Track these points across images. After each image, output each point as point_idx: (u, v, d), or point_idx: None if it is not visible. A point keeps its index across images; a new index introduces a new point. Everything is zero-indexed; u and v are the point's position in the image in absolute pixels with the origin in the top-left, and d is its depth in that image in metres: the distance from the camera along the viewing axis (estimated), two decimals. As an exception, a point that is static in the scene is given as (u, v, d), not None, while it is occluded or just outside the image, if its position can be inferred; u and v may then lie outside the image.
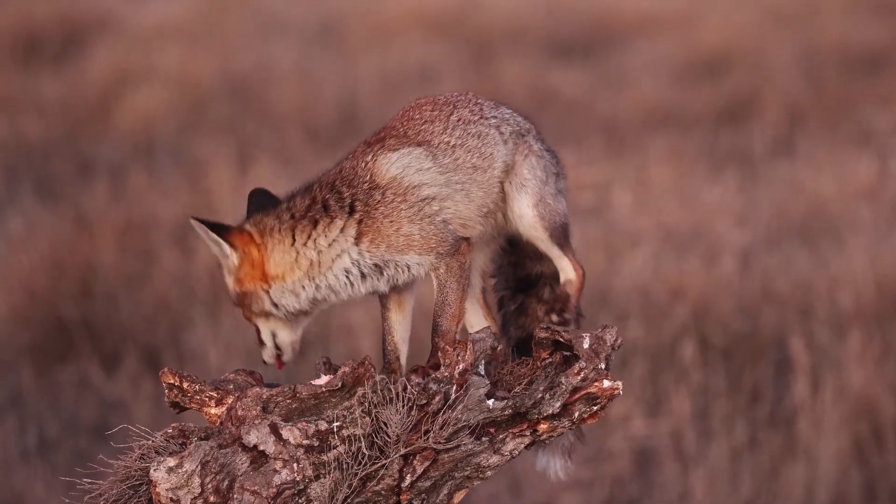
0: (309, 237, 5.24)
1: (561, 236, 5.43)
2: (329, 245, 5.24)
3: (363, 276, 5.25)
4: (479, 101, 5.46)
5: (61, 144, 14.97)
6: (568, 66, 17.27)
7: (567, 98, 15.85)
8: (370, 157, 5.26)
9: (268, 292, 5.26)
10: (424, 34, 17.94)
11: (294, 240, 5.25)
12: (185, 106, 15.83)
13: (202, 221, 5.20)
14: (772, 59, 16.91)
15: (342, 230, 5.22)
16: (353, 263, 5.23)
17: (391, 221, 5.21)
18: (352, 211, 5.21)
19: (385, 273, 5.24)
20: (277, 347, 5.32)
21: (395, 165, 5.25)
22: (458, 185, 5.29)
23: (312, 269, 5.25)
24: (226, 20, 18.56)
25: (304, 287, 5.26)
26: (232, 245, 5.23)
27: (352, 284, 5.26)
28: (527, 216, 5.39)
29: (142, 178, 13.53)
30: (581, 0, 19.31)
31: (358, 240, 5.21)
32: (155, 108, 15.68)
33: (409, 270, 5.24)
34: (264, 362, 5.34)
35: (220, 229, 5.22)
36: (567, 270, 5.46)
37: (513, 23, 18.53)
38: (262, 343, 5.32)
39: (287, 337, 5.32)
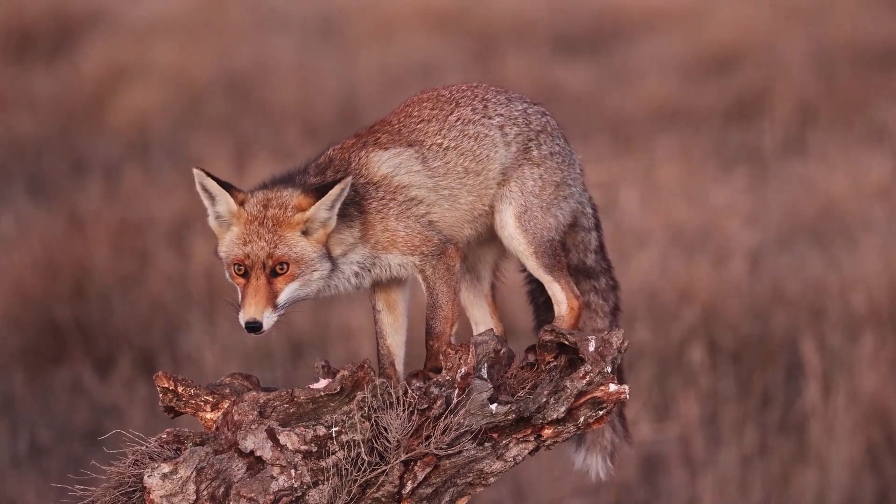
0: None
1: (549, 256, 5.33)
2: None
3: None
4: (488, 96, 5.41)
5: (54, 142, 15.07)
6: (574, 62, 17.38)
7: (573, 95, 15.93)
8: (363, 152, 5.30)
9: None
10: (426, 29, 18.09)
11: None
12: (181, 103, 15.96)
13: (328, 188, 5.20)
14: (783, 54, 16.99)
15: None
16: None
17: (382, 218, 5.25)
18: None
19: (372, 270, 5.28)
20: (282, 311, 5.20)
21: (385, 164, 5.28)
22: (446, 192, 5.28)
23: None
24: (223, 14, 18.76)
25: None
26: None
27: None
28: (508, 226, 5.33)
29: (137, 176, 13.56)
30: (587, -6, 19.48)
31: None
32: (150, 104, 15.79)
33: (389, 270, 5.26)
34: (253, 325, 5.14)
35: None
36: (560, 302, 5.38)
37: (517, 17, 18.68)
38: (275, 307, 5.16)
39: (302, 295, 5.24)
